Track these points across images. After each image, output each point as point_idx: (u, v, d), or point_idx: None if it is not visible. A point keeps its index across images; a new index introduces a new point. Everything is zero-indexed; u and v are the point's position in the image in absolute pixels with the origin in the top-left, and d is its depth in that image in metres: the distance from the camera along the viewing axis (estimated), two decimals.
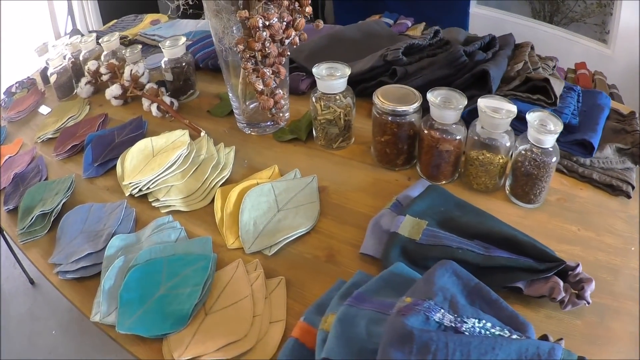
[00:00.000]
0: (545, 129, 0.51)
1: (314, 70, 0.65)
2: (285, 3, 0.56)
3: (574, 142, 0.61)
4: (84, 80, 0.98)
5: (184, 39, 0.83)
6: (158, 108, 0.81)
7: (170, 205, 0.63)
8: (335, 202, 0.61)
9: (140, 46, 0.93)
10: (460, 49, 0.73)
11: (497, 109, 0.54)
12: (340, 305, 0.40)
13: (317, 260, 0.52)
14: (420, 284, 0.38)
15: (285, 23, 0.56)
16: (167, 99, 0.81)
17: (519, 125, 0.61)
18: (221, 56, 0.70)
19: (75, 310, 0.53)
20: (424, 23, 1.38)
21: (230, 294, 0.48)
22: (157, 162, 0.68)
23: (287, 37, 0.57)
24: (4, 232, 0.73)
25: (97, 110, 0.95)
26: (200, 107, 0.86)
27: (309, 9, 0.57)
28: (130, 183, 0.66)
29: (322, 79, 0.64)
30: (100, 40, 0.97)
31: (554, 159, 0.52)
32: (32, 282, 1.42)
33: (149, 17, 1.28)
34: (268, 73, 0.58)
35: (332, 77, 0.63)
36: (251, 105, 0.76)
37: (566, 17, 1.67)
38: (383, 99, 0.60)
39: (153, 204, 0.64)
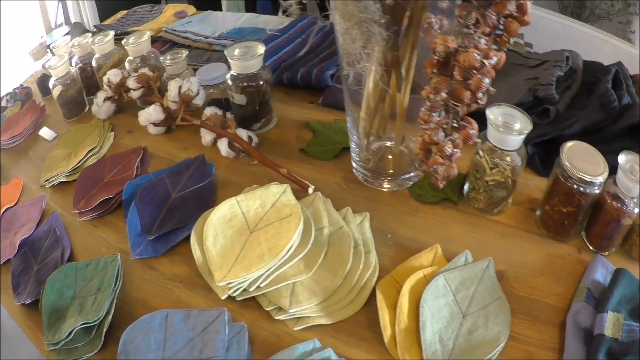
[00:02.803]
0: None
1: (489, 113, 0.46)
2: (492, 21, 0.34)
3: None
4: (101, 95, 0.71)
5: (261, 48, 0.58)
6: (230, 145, 0.58)
7: (303, 317, 0.42)
8: (520, 294, 0.46)
9: (186, 51, 0.67)
10: (610, 90, 0.59)
11: None
12: None
13: None
14: None
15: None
16: (242, 133, 0.58)
17: None
18: (345, 81, 0.48)
19: None
20: None
21: None
22: (264, 244, 0.46)
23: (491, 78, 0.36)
24: None
25: (126, 139, 0.70)
26: (284, 142, 0.63)
27: (513, 37, 0.36)
28: (229, 284, 0.44)
29: (497, 130, 0.46)
30: (123, 42, 0.70)
31: None
32: None
33: (170, 8, 0.99)
34: (474, 134, 0.37)
35: (512, 131, 0.46)
36: (373, 146, 0.54)
37: (593, 14, 1.65)
38: (571, 162, 0.47)
39: (277, 317, 0.43)
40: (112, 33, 0.74)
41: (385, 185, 0.54)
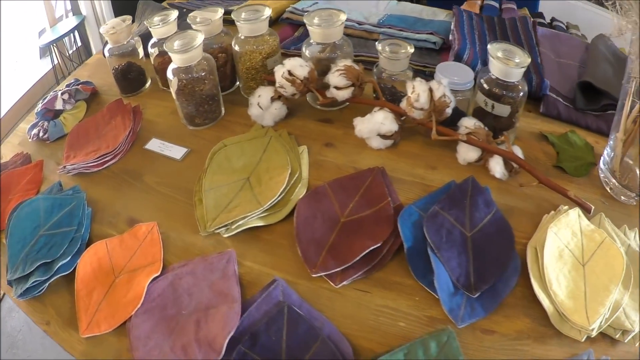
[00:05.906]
0: None
1: None
2: None
3: None
4: (265, 93, 0.50)
5: (527, 58, 0.49)
6: (505, 165, 0.51)
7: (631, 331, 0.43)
8: None
9: (410, 45, 0.51)
10: None
11: None
12: None
13: None
14: None
15: None
16: (517, 150, 0.51)
17: None
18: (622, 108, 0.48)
19: None
20: (525, 8, 1.24)
21: None
22: (602, 276, 0.43)
23: None
24: None
25: (328, 155, 0.52)
26: (535, 157, 0.56)
27: None
28: (593, 327, 0.41)
29: None
30: (306, 20, 0.49)
31: None
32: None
33: None
34: None
35: None
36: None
37: None
38: None
39: (626, 341, 0.42)
40: (267, 10, 0.50)
41: (632, 200, 0.57)
